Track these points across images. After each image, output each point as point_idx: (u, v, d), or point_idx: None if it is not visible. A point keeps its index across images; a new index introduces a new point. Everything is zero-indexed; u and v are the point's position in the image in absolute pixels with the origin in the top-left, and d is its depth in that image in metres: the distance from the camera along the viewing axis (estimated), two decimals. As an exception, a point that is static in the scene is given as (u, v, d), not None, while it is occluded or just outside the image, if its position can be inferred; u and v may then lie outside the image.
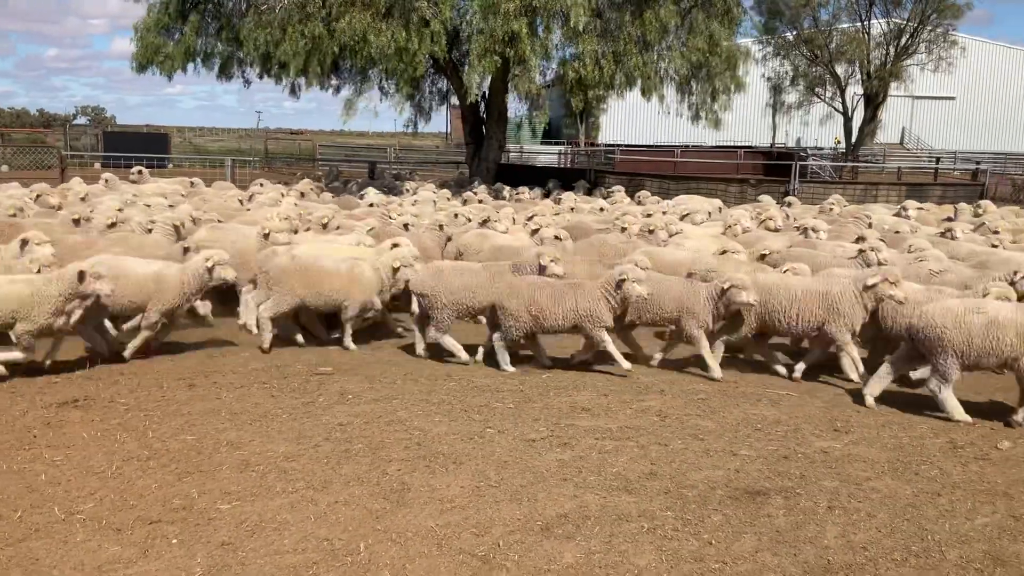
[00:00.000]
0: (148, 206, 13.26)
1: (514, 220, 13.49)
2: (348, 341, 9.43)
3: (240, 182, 22.53)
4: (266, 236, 10.31)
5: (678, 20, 21.31)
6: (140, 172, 18.83)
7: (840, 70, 37.64)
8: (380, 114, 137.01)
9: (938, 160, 39.83)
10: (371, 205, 15.56)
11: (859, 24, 37.07)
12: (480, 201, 17.46)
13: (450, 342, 9.08)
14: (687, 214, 14.63)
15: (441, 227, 11.94)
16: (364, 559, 4.82)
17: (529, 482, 5.92)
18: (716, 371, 8.69)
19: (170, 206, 13.47)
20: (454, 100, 27.48)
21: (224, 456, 6.24)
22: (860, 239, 12.00)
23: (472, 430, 6.92)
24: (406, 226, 11.81)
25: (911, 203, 16.24)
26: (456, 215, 13.27)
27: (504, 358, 8.80)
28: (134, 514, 5.25)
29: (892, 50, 36.34)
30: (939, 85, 48.27)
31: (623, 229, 12.14)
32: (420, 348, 9.30)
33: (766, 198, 19.03)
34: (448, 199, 17.88)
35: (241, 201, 15.66)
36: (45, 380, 7.87)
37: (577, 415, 7.40)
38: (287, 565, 4.74)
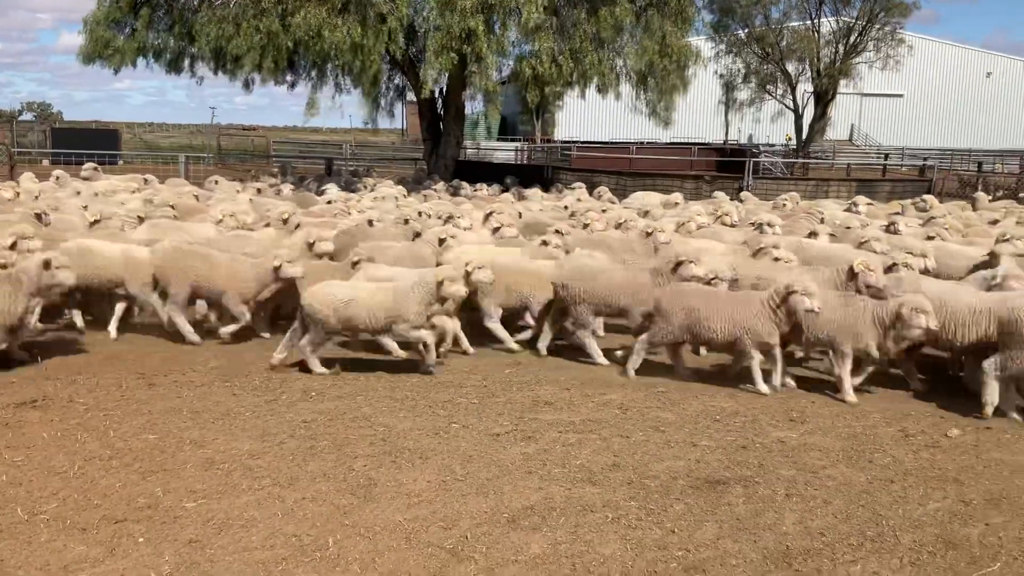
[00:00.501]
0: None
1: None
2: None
3: (194, 179, 22.27)
4: (311, 246, 10.21)
5: (633, 19, 21.43)
6: (96, 169, 18.48)
7: (791, 68, 38.23)
8: (344, 111, 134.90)
9: (886, 156, 40.69)
10: (329, 202, 15.48)
11: (809, 22, 37.69)
12: (439, 198, 17.44)
13: (593, 345, 9.23)
14: (647, 211, 14.77)
15: (407, 221, 11.91)
16: (333, 554, 4.86)
17: (495, 475, 5.99)
18: (850, 396, 7.97)
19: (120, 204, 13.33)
20: (410, 96, 27.36)
21: (188, 455, 6.21)
22: (813, 234, 12.28)
23: (437, 425, 6.97)
24: (370, 222, 11.77)
25: (861, 199, 16.64)
26: (420, 212, 13.25)
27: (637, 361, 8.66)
28: (99, 513, 5.22)
29: (841, 48, 37.01)
30: (887, 83, 49.25)
31: (585, 226, 12.21)
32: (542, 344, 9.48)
33: (720, 194, 19.28)
34: (405, 195, 17.81)
35: (197, 197, 15.48)
36: (1, 380, 7.74)
37: (540, 409, 7.48)
38: (256, 561, 4.75)
